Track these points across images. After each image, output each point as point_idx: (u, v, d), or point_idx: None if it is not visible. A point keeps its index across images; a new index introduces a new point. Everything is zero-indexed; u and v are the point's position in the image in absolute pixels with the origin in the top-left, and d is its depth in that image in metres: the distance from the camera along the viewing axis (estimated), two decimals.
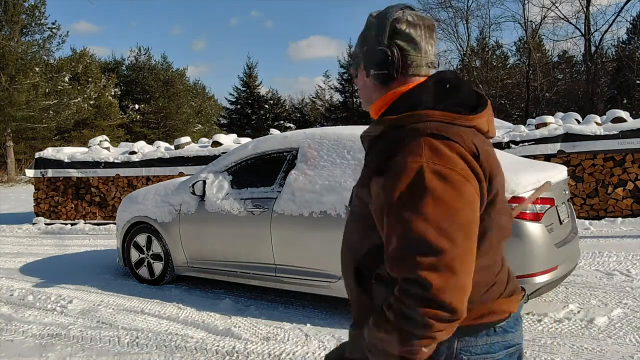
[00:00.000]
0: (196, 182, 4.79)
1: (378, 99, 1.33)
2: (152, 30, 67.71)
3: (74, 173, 9.82)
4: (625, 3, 21.86)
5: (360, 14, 64.81)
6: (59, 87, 23.95)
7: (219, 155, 6.90)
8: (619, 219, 6.95)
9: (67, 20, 58.44)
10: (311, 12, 68.16)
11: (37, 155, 10.19)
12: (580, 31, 22.90)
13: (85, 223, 9.53)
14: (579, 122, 8.14)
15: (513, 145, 7.53)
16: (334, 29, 68.38)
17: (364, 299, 1.29)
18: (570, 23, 23.04)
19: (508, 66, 27.59)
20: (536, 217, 3.54)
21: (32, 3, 23.68)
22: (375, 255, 1.24)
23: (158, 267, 5.19)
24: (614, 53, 25.29)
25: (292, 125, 29.89)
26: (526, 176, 3.70)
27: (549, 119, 8.08)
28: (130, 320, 4.21)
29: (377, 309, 1.19)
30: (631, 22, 24.15)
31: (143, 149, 10.02)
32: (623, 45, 25.25)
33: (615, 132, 7.27)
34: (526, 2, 23.46)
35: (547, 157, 7.36)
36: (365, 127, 1.39)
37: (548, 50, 27.35)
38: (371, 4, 59.46)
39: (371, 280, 1.25)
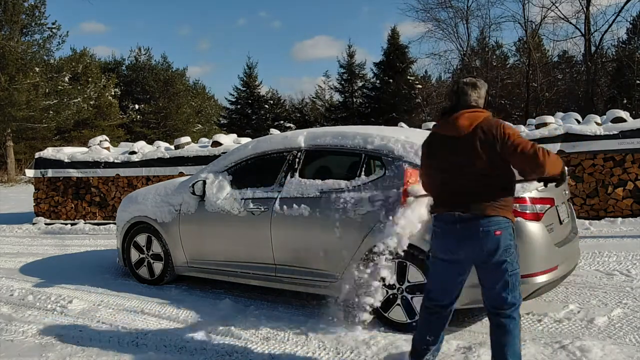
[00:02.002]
0: (196, 182, 4.79)
1: None
2: (161, 30, 67.53)
3: (74, 173, 9.82)
4: (625, 3, 21.82)
5: (365, 14, 64.80)
6: (59, 87, 23.88)
7: (219, 155, 6.90)
8: (619, 219, 6.95)
9: (75, 20, 58.32)
10: (317, 12, 68.05)
11: (37, 155, 10.19)
12: (580, 31, 22.87)
13: (85, 223, 9.53)
14: (579, 122, 8.14)
15: None
16: (339, 29, 68.28)
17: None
18: (570, 23, 23.02)
19: (508, 66, 27.57)
20: (536, 217, 3.54)
21: (32, 3, 23.64)
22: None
23: (158, 267, 5.19)
24: (614, 53, 25.24)
25: (292, 125, 29.79)
26: None
27: (549, 119, 8.08)
28: (130, 320, 4.21)
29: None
30: (631, 22, 24.08)
31: (143, 149, 10.02)
32: (623, 45, 25.20)
33: (615, 132, 7.27)
34: (526, 2, 23.44)
35: None
36: (365, 126, 1.39)
37: (548, 50, 27.33)
38: (376, 4, 59.63)
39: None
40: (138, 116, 32.12)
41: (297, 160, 4.39)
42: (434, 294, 2.89)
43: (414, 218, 3.50)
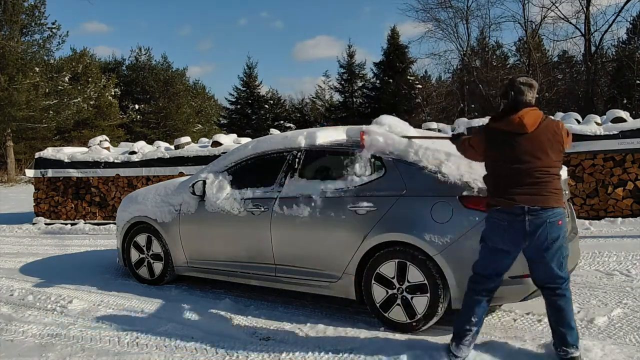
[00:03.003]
0: (196, 182, 4.79)
1: None
2: (161, 30, 67.54)
3: (74, 173, 9.82)
4: (625, 3, 21.79)
5: (366, 14, 64.74)
6: (59, 87, 23.87)
7: (219, 155, 6.90)
8: (619, 219, 6.95)
9: (76, 20, 58.47)
10: (319, 13, 68.02)
11: (37, 155, 10.19)
12: (580, 31, 22.85)
13: (85, 223, 9.53)
14: (579, 122, 8.13)
15: None
16: (340, 29, 68.20)
17: None
18: (570, 23, 22.99)
19: (508, 66, 27.56)
20: None
21: (32, 3, 23.62)
22: None
23: (158, 267, 5.19)
24: (614, 53, 25.23)
25: (292, 125, 29.80)
26: None
27: None
28: (130, 320, 4.21)
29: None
30: (631, 22, 24.07)
31: (143, 149, 10.02)
32: (623, 45, 25.20)
33: (615, 132, 7.27)
34: (526, 2, 23.43)
35: None
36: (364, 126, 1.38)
37: (548, 50, 27.33)
38: (377, 4, 59.58)
39: None
40: (138, 116, 32.11)
41: (297, 160, 4.39)
42: (486, 279, 3.08)
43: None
